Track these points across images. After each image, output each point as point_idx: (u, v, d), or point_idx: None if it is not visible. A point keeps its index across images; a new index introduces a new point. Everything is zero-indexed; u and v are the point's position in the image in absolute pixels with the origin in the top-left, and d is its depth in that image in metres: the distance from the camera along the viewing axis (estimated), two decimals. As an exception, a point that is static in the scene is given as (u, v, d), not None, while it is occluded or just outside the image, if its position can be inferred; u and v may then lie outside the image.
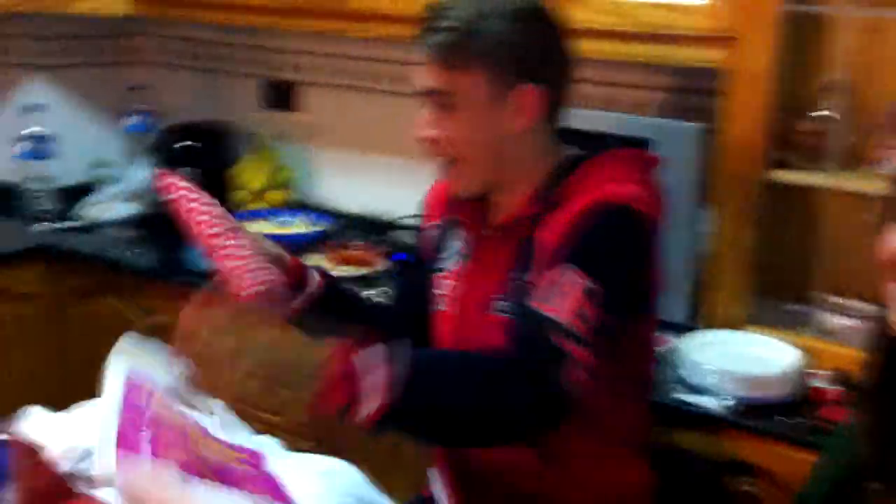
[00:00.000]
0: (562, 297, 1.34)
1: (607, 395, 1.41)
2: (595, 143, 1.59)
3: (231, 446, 1.41)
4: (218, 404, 1.51)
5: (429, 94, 1.49)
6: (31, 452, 1.33)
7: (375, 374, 1.23)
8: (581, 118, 1.73)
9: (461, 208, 1.61)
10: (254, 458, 1.40)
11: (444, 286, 1.61)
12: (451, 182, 1.55)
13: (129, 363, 1.37)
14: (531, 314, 1.35)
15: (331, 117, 2.99)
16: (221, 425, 1.49)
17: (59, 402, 1.50)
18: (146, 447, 1.20)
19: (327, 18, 2.54)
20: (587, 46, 1.69)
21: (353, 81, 2.92)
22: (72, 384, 2.72)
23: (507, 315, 1.48)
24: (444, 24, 1.46)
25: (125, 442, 1.19)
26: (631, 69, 2.34)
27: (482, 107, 1.47)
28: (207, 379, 1.33)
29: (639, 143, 2.13)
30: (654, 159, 1.57)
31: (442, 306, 1.61)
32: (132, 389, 1.32)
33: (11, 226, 2.88)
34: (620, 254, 1.43)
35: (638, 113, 2.37)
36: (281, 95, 3.07)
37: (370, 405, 1.23)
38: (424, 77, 1.49)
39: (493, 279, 1.52)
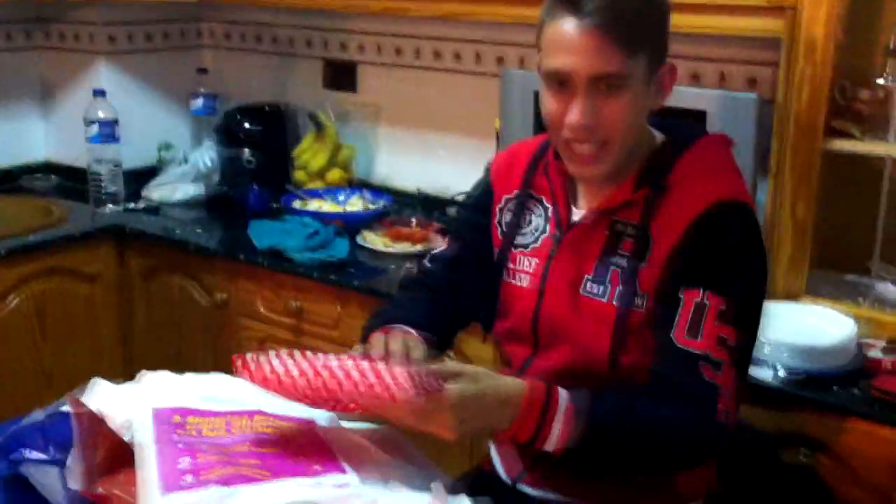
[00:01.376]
0: (701, 326, 1.38)
1: None
2: (655, 116, 1.56)
3: (286, 418, 1.46)
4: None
5: (598, 78, 1.39)
6: (93, 423, 1.37)
7: (561, 415, 1.34)
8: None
9: (551, 185, 1.57)
10: (308, 425, 1.44)
11: (527, 262, 1.59)
12: (591, 165, 1.47)
13: (150, 399, 1.43)
14: (677, 351, 1.39)
15: (390, 97, 3.02)
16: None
17: (125, 375, 1.55)
18: (188, 479, 1.25)
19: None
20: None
21: (413, 61, 2.94)
22: (138, 359, 2.81)
23: (597, 298, 1.48)
24: (607, 3, 1.37)
25: (168, 484, 1.24)
26: (688, 40, 2.31)
27: (642, 87, 1.43)
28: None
29: (696, 115, 2.12)
30: (732, 141, 1.56)
31: (521, 282, 1.59)
32: (161, 424, 1.38)
33: (82, 208, 2.97)
34: (749, 265, 1.44)
35: (695, 84, 2.36)
36: (342, 76, 3.10)
37: (552, 443, 1.35)
38: (590, 61, 1.38)
39: (587, 260, 1.50)
